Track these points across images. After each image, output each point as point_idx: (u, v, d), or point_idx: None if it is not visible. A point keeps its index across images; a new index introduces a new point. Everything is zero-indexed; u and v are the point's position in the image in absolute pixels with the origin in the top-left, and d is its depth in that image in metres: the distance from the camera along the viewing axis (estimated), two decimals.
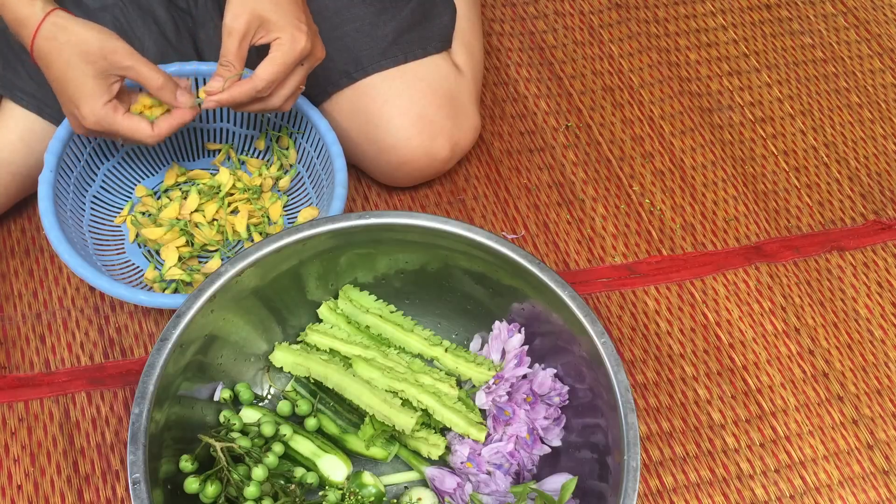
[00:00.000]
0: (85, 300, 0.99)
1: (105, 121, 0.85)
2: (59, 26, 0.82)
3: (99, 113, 0.84)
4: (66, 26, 0.82)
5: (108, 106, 0.85)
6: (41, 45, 0.82)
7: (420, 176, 1.06)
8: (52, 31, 0.82)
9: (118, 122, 0.86)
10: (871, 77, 1.31)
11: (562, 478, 0.82)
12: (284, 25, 0.84)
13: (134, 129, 0.86)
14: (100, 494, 0.88)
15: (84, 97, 0.83)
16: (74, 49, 0.82)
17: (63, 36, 0.82)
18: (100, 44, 0.83)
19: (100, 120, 0.85)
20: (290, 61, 0.85)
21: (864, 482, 0.96)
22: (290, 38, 0.84)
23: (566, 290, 0.81)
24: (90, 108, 0.84)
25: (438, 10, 1.06)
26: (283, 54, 0.84)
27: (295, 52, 0.84)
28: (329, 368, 0.86)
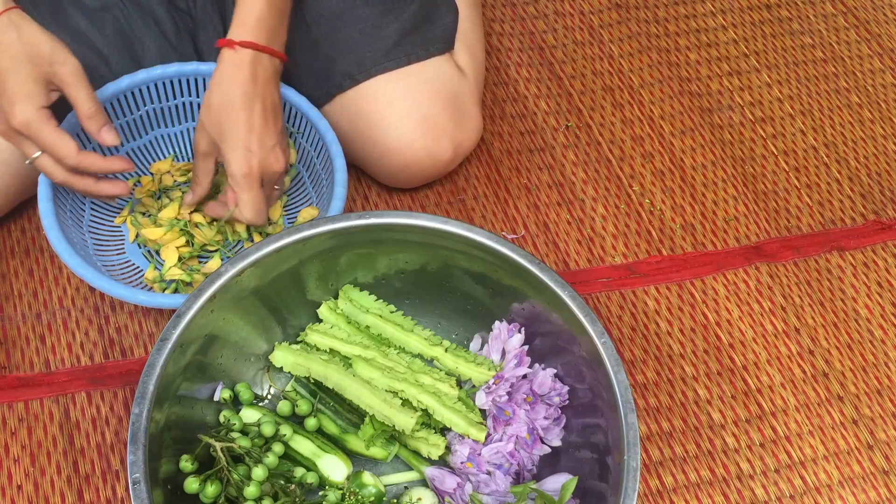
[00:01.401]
0: (85, 300, 0.99)
1: (34, 124, 0.82)
2: (15, 24, 0.81)
3: (30, 114, 0.82)
4: (21, 25, 0.82)
5: (43, 111, 0.83)
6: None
7: (423, 178, 1.06)
8: (7, 25, 0.81)
9: (46, 130, 0.83)
10: (871, 77, 1.31)
11: (562, 478, 0.82)
12: (228, 157, 0.87)
13: (60, 142, 0.83)
14: (100, 494, 0.88)
15: (20, 96, 0.81)
16: (24, 48, 0.81)
17: (15, 33, 0.81)
18: (50, 50, 0.82)
19: (29, 121, 0.82)
20: (249, 191, 0.88)
21: (864, 482, 0.96)
22: (236, 170, 0.87)
23: (566, 290, 0.81)
24: (22, 108, 0.81)
25: (441, 11, 1.06)
26: (239, 187, 0.88)
27: (246, 182, 0.88)
28: (329, 368, 0.86)
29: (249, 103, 0.86)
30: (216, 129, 0.87)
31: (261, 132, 0.87)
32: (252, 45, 0.86)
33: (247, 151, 0.87)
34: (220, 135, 0.87)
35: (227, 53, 0.86)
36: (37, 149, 0.85)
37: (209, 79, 0.98)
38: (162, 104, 1.00)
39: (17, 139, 0.85)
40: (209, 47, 1.02)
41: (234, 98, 0.86)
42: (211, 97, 0.87)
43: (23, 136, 0.84)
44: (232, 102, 0.86)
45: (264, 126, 0.87)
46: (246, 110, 0.86)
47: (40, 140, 0.84)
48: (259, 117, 0.87)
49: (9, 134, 0.85)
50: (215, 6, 1.02)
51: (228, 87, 0.86)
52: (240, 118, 0.86)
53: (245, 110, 0.86)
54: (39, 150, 0.85)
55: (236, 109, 0.86)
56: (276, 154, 0.89)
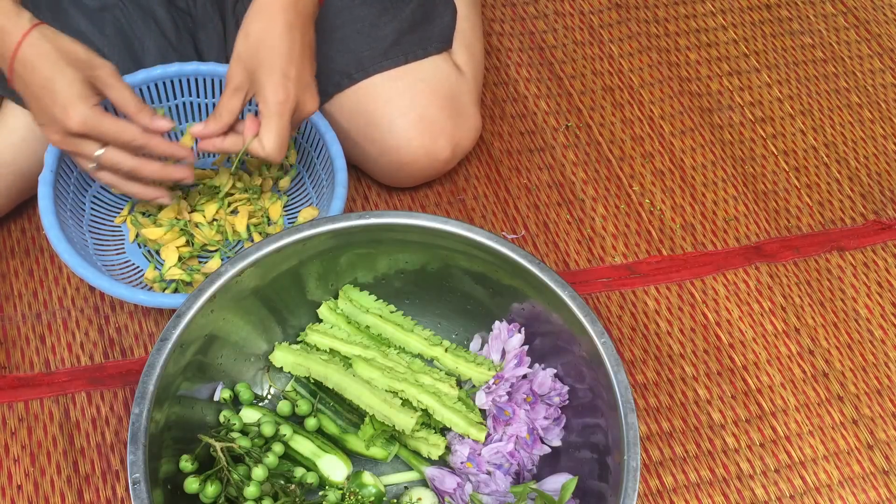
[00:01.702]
0: (85, 300, 0.99)
1: (92, 121, 0.83)
2: (48, 36, 0.82)
3: (86, 113, 0.82)
4: (55, 37, 0.82)
5: (97, 108, 0.83)
6: (26, 53, 0.81)
7: (421, 176, 1.06)
8: (39, 39, 0.81)
9: (107, 122, 0.83)
10: (871, 77, 1.31)
11: (562, 478, 0.82)
12: (265, 83, 0.84)
13: (123, 128, 0.84)
14: (100, 494, 0.88)
15: (72, 98, 0.82)
16: (63, 55, 0.82)
17: (51, 43, 0.82)
18: (87, 56, 0.83)
19: (87, 120, 0.82)
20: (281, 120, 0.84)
21: (864, 482, 0.96)
22: (272, 97, 0.84)
23: (566, 290, 0.81)
24: (79, 109, 0.82)
25: (439, 10, 1.06)
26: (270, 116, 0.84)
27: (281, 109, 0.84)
28: (329, 368, 0.86)
29: (290, 33, 0.84)
30: (254, 57, 0.84)
31: (299, 65, 0.85)
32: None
33: (285, 78, 0.83)
34: (257, 62, 0.83)
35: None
36: (97, 146, 0.84)
37: (209, 79, 0.99)
38: (162, 104, 1.00)
39: (76, 143, 0.84)
40: (209, 47, 1.02)
41: (275, 26, 0.83)
42: (250, 26, 0.84)
43: (82, 138, 0.84)
44: (273, 30, 0.83)
45: (302, 60, 0.85)
46: (287, 39, 0.83)
47: (103, 132, 0.83)
48: (299, 49, 0.84)
49: (66, 141, 0.84)
50: (215, 6, 1.02)
51: (270, 14, 0.83)
52: (281, 46, 0.83)
53: (286, 39, 0.83)
54: (100, 147, 0.84)
55: (277, 37, 0.83)
56: (311, 92, 0.86)
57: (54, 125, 0.83)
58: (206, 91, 1.00)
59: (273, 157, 0.85)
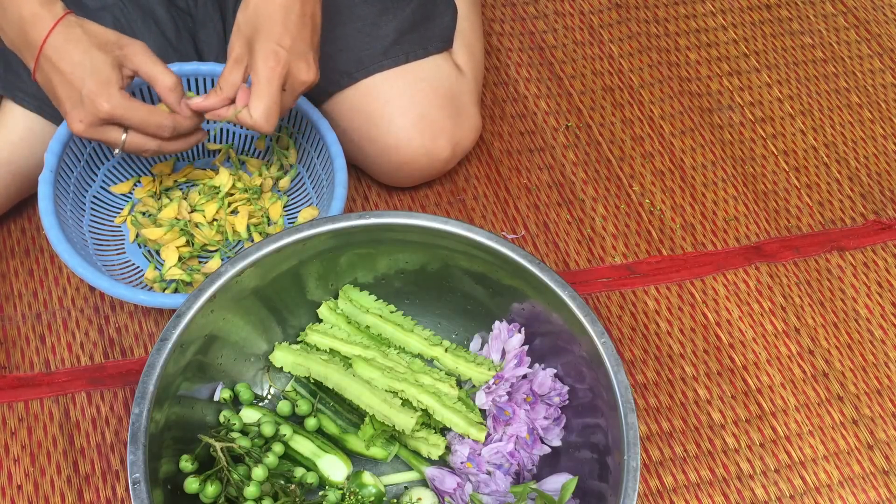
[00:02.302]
0: (85, 300, 0.99)
1: (122, 106, 0.83)
2: (76, 23, 0.83)
3: (116, 98, 0.83)
4: (83, 23, 0.83)
5: (125, 93, 0.84)
6: (57, 39, 0.82)
7: (421, 176, 1.06)
8: (68, 27, 0.82)
9: (135, 106, 0.84)
10: (871, 77, 1.31)
11: (562, 478, 0.82)
12: (257, 51, 0.83)
13: (153, 112, 0.84)
14: (100, 494, 0.88)
15: (101, 84, 0.82)
16: (92, 40, 0.82)
17: (79, 30, 0.82)
18: (116, 37, 0.84)
19: (116, 105, 0.82)
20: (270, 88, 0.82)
21: (864, 482, 0.96)
22: (260, 62, 0.82)
23: (566, 290, 0.81)
24: (107, 94, 0.82)
25: (440, 10, 1.06)
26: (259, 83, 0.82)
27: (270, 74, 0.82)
28: (329, 368, 0.86)
29: (289, 4, 0.83)
30: (251, 27, 0.83)
31: (295, 34, 0.84)
32: None
33: (277, 46, 0.82)
34: (253, 31, 0.83)
35: None
36: (121, 132, 0.85)
37: (209, 79, 0.99)
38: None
39: (102, 130, 0.84)
40: (209, 47, 1.02)
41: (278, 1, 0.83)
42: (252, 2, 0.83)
43: (109, 125, 0.84)
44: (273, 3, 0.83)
45: (300, 29, 0.84)
46: (284, 9, 0.83)
47: (132, 118, 0.84)
48: (296, 19, 0.83)
49: (93, 128, 0.84)
50: (215, 6, 1.02)
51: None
52: (276, 15, 0.82)
53: (283, 8, 0.83)
54: (123, 132, 0.85)
55: (275, 6, 0.82)
56: (307, 61, 0.85)
57: (82, 111, 0.83)
58: (206, 91, 1.00)
59: (260, 126, 0.83)
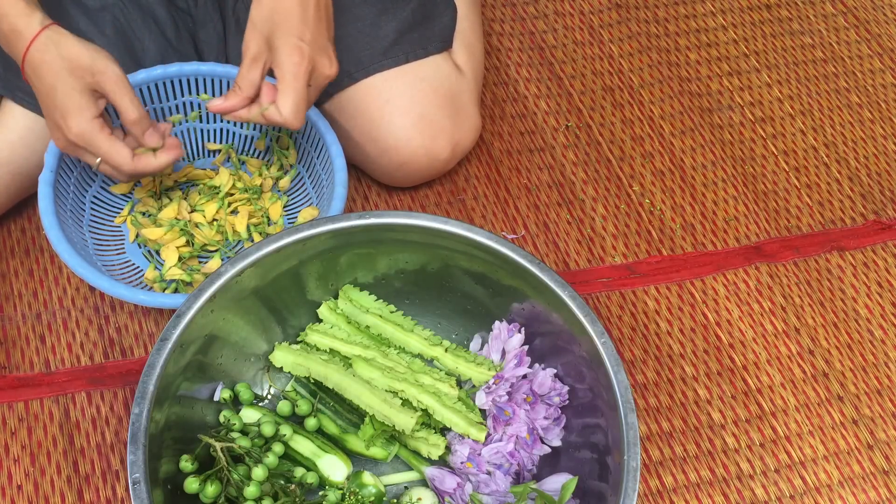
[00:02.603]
0: (85, 300, 0.99)
1: (88, 135, 0.84)
2: (54, 40, 0.82)
3: (84, 126, 0.84)
4: (60, 41, 0.83)
5: (95, 122, 0.84)
6: (34, 57, 0.82)
7: (421, 176, 1.06)
8: (46, 43, 0.82)
9: (99, 140, 0.85)
10: (871, 77, 1.31)
11: (562, 478, 0.82)
12: (280, 47, 0.83)
13: (114, 151, 0.85)
14: (100, 494, 0.88)
15: (71, 110, 0.83)
16: (65, 63, 0.82)
17: (55, 49, 0.82)
18: (91, 61, 0.83)
19: (83, 133, 0.84)
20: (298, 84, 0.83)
21: (864, 482, 0.96)
22: (287, 59, 0.83)
23: (566, 290, 0.81)
24: (76, 121, 0.83)
25: (439, 10, 1.06)
26: (287, 79, 0.83)
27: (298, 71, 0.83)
28: (329, 368, 0.86)
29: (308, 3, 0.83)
30: (268, 23, 0.83)
31: (314, 27, 0.84)
32: None
33: (299, 41, 0.82)
34: (272, 27, 0.83)
35: None
36: (96, 157, 0.87)
37: (209, 79, 0.99)
38: (162, 104, 1.00)
39: (78, 151, 0.87)
40: (209, 47, 1.02)
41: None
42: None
43: (82, 148, 0.86)
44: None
45: (318, 23, 0.84)
46: (301, 5, 0.83)
47: (95, 150, 0.85)
48: (313, 12, 0.84)
49: (68, 148, 0.87)
50: (215, 6, 1.02)
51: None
52: (295, 8, 0.82)
53: (301, 4, 0.83)
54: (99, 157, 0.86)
55: (292, 2, 0.82)
56: (329, 55, 0.85)
57: (58, 132, 0.86)
58: (206, 91, 1.00)
59: (291, 122, 0.84)
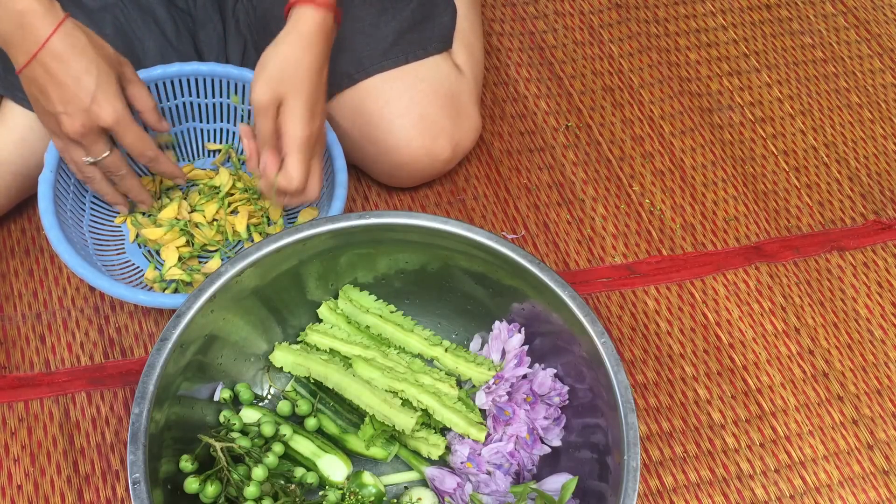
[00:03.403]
0: (85, 300, 0.99)
1: (125, 121, 0.85)
2: (81, 28, 0.83)
3: (122, 112, 0.84)
4: (86, 31, 0.83)
5: (127, 108, 0.86)
6: (58, 44, 0.81)
7: (421, 177, 1.06)
8: (74, 29, 0.82)
9: (133, 126, 0.86)
10: (871, 77, 1.31)
11: (562, 478, 0.82)
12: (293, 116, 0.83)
13: (144, 138, 0.87)
14: (100, 494, 0.88)
15: (109, 95, 0.83)
16: (99, 51, 0.83)
17: (86, 37, 0.82)
18: (115, 53, 0.86)
19: (121, 119, 0.84)
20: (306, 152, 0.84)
21: (864, 482, 0.96)
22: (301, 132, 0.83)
23: (566, 290, 0.81)
24: (114, 105, 0.84)
25: (439, 10, 1.06)
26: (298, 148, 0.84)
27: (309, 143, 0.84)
28: (329, 368, 0.86)
29: (321, 68, 0.84)
30: (285, 83, 0.83)
31: (322, 100, 0.86)
32: (333, 8, 0.84)
33: (311, 113, 0.84)
34: (288, 90, 0.83)
35: (310, 12, 0.83)
36: (108, 148, 0.87)
37: (209, 79, 0.99)
38: (162, 104, 1.00)
39: (94, 139, 0.85)
40: (209, 47, 1.02)
41: (311, 56, 0.83)
42: (285, 50, 0.83)
43: (101, 136, 0.85)
44: (306, 60, 0.83)
45: (324, 95, 0.86)
46: (318, 73, 0.84)
47: (128, 135, 0.86)
48: (323, 85, 0.86)
49: (86, 134, 0.84)
50: (215, 6, 1.02)
51: (308, 44, 0.83)
52: (312, 78, 0.83)
53: (318, 73, 0.84)
54: (109, 149, 0.87)
55: (310, 69, 0.83)
56: (325, 127, 0.87)
57: (82, 116, 0.83)
58: (206, 91, 1.00)
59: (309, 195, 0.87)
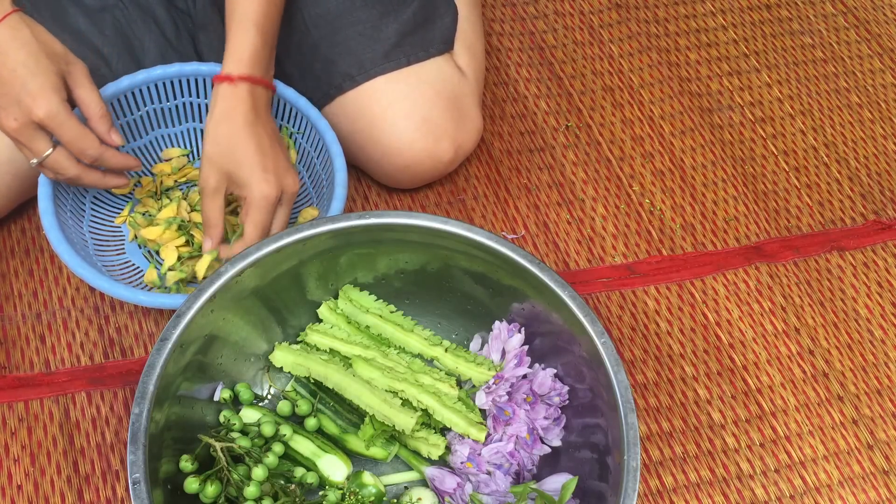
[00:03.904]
0: (85, 300, 0.99)
1: (60, 116, 0.82)
2: (27, 22, 0.82)
3: (57, 107, 0.82)
4: (34, 25, 0.83)
5: (66, 104, 0.83)
6: (2, 35, 0.81)
7: (423, 178, 1.06)
8: (19, 23, 0.81)
9: (72, 122, 0.83)
10: (871, 77, 1.31)
11: (562, 478, 0.82)
12: (248, 181, 0.86)
13: (83, 134, 0.84)
14: (100, 494, 0.88)
15: (45, 88, 0.81)
16: (42, 46, 0.82)
17: (30, 31, 0.82)
18: (64, 52, 0.84)
19: (55, 114, 0.82)
20: (265, 214, 0.87)
21: (864, 482, 0.96)
22: (258, 192, 0.86)
23: (566, 290, 0.81)
24: (48, 100, 0.81)
25: (440, 12, 1.06)
26: (256, 210, 0.87)
27: (267, 203, 0.87)
28: (329, 368, 0.86)
29: (256, 131, 0.87)
30: (228, 159, 0.86)
31: (273, 155, 0.88)
32: (250, 78, 0.88)
33: (264, 172, 0.87)
34: (233, 164, 0.86)
35: (226, 88, 0.87)
36: (49, 146, 0.84)
37: (209, 79, 0.99)
38: (162, 104, 1.00)
39: (31, 135, 0.83)
40: (209, 47, 1.02)
41: (240, 128, 0.87)
42: (217, 131, 0.87)
43: (39, 132, 0.83)
44: (239, 132, 0.86)
45: (273, 149, 0.88)
46: (255, 137, 0.87)
47: (64, 132, 0.83)
48: (267, 142, 0.88)
49: (21, 130, 0.83)
50: (215, 7, 1.02)
51: (233, 118, 0.87)
52: (250, 144, 0.87)
53: (254, 137, 0.87)
54: (51, 147, 0.84)
55: (245, 137, 0.87)
56: (291, 174, 0.90)
57: (15, 110, 0.82)
58: (206, 91, 1.00)
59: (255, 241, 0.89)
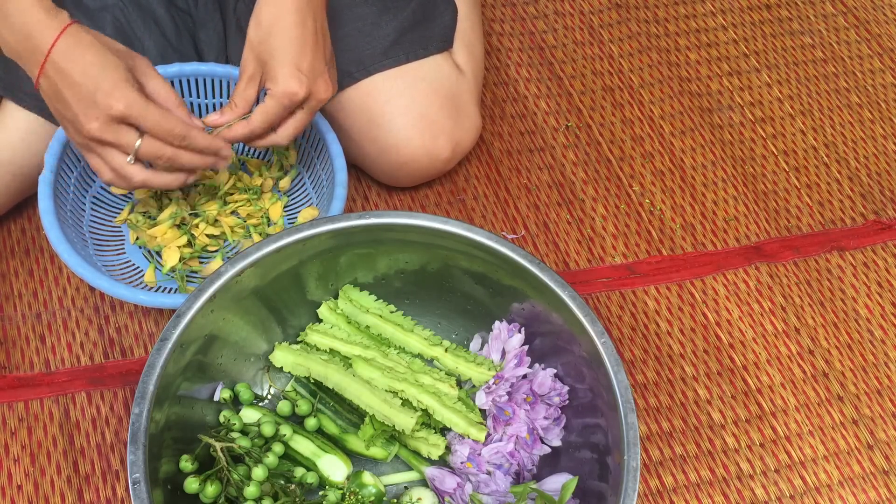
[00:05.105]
0: (85, 300, 0.99)
1: (138, 106, 0.80)
2: (85, 29, 0.81)
3: (133, 96, 0.80)
4: (92, 31, 0.81)
5: (141, 93, 0.81)
6: (63, 45, 0.79)
7: (421, 176, 1.06)
8: (79, 31, 0.80)
9: (150, 108, 0.80)
10: (871, 77, 1.31)
11: (562, 478, 0.82)
12: (277, 75, 0.84)
13: (166, 116, 0.81)
14: (100, 494, 0.88)
15: (118, 81, 0.80)
16: (104, 46, 0.81)
17: (90, 36, 0.80)
18: (126, 49, 0.84)
19: (133, 104, 0.79)
20: (280, 108, 0.85)
21: (864, 482, 0.96)
22: (282, 87, 0.84)
23: (566, 290, 0.81)
24: (124, 93, 0.79)
25: (440, 10, 1.06)
26: (273, 99, 0.84)
27: (287, 100, 0.84)
28: (329, 368, 0.86)
29: (302, 20, 0.83)
30: (265, 46, 0.83)
31: (312, 52, 0.84)
32: None
33: (296, 70, 0.83)
34: (269, 50, 0.83)
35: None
36: (136, 135, 0.81)
37: (209, 79, 0.99)
38: None
39: (115, 130, 0.81)
40: (209, 47, 1.02)
41: (286, 13, 0.82)
42: (261, 13, 0.83)
43: (122, 126, 0.81)
44: (284, 17, 0.82)
45: (315, 46, 0.84)
46: (299, 27, 0.83)
47: (147, 117, 0.80)
48: (311, 36, 0.84)
49: (104, 129, 0.80)
50: (215, 6, 1.02)
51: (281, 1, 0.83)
52: (293, 34, 0.83)
53: (298, 27, 0.83)
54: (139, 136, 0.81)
55: (289, 25, 0.82)
56: (324, 79, 0.86)
57: (94, 111, 0.80)
58: (206, 91, 1.00)
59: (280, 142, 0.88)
